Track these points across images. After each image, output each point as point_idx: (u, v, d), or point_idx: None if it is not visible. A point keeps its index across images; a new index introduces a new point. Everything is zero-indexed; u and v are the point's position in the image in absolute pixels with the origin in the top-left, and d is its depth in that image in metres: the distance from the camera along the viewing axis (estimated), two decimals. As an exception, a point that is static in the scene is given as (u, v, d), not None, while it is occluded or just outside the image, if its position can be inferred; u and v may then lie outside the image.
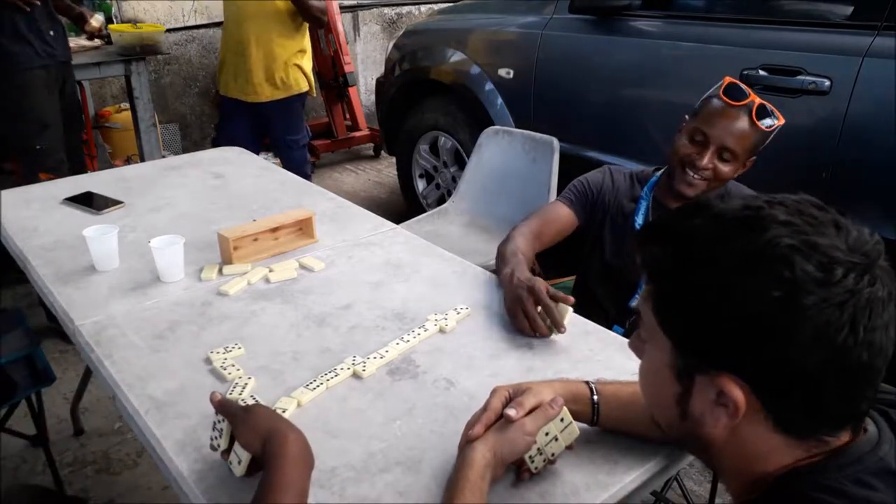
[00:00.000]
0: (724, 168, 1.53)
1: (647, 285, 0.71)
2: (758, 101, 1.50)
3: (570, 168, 2.41)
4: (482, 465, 0.88)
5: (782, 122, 1.53)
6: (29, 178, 2.69)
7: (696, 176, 1.54)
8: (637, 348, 0.78)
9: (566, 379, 1.04)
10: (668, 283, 0.68)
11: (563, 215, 1.70)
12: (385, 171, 4.88)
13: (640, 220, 1.67)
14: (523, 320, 1.28)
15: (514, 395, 0.96)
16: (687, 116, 1.62)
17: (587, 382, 1.02)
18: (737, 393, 0.63)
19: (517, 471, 0.96)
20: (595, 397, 1.00)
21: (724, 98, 1.50)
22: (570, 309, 1.28)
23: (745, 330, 0.61)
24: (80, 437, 2.27)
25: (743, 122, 1.49)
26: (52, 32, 2.72)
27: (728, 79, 1.53)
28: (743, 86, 1.51)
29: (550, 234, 1.67)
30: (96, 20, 3.11)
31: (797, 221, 0.62)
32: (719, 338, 0.63)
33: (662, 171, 1.70)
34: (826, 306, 0.59)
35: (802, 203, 0.65)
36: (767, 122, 1.50)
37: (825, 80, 1.94)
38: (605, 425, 1.02)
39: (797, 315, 0.59)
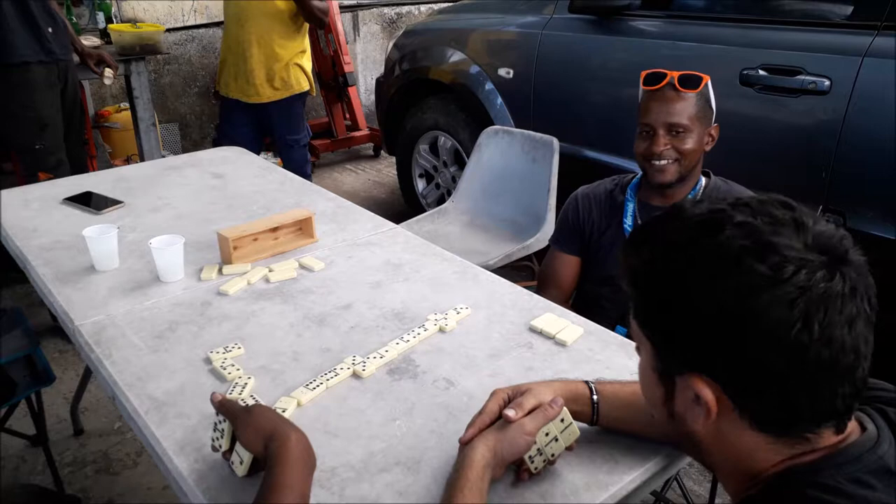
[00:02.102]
0: (683, 144, 1.60)
1: (630, 290, 0.73)
2: (676, 74, 1.59)
3: (570, 168, 2.42)
4: (482, 466, 0.88)
5: (707, 78, 1.61)
6: (28, 177, 2.69)
7: (659, 162, 1.61)
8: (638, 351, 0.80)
9: (566, 379, 1.04)
10: (641, 287, 0.71)
11: (568, 263, 1.82)
12: (385, 171, 4.88)
13: (628, 222, 1.70)
14: None
15: (513, 396, 0.96)
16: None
17: (587, 382, 1.02)
18: (706, 393, 0.65)
19: (517, 471, 0.96)
20: (595, 397, 1.00)
21: (647, 88, 1.62)
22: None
23: (705, 330, 0.64)
24: (80, 436, 2.27)
25: (672, 97, 1.59)
26: (50, 30, 2.71)
27: (644, 72, 1.64)
28: (658, 70, 1.61)
29: (571, 286, 1.83)
30: (108, 77, 3.08)
31: (754, 222, 0.64)
32: (686, 339, 0.66)
33: (640, 174, 1.75)
34: (777, 304, 0.60)
35: (766, 202, 0.67)
36: (692, 85, 1.59)
37: (825, 79, 1.94)
38: (605, 425, 1.02)
39: (750, 314, 0.61)
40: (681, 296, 0.65)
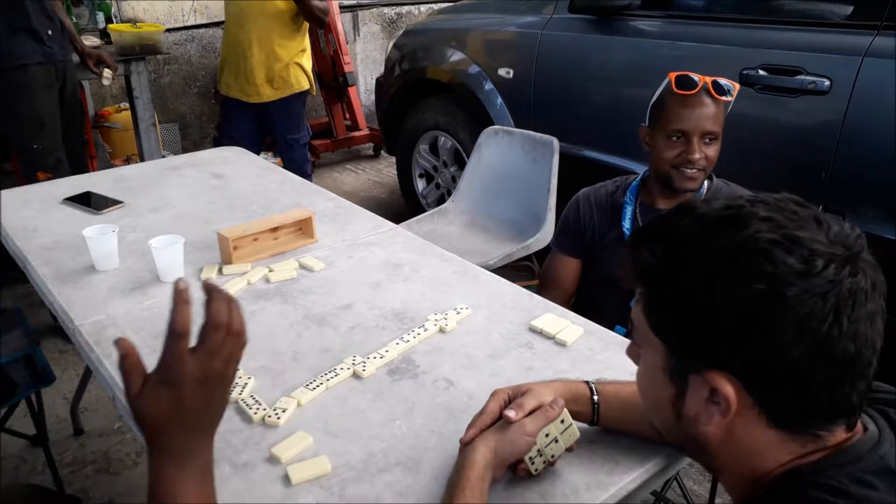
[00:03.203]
0: (711, 151, 1.58)
1: (638, 289, 0.72)
2: (708, 79, 1.55)
3: (570, 168, 2.42)
4: (482, 466, 0.88)
5: (738, 86, 1.58)
6: (27, 177, 2.69)
7: (692, 170, 1.58)
8: (634, 354, 0.79)
9: (566, 379, 1.04)
10: (656, 284, 0.69)
11: (569, 264, 1.81)
12: (385, 171, 4.88)
13: (627, 224, 1.69)
14: None
15: (513, 396, 0.96)
16: (644, 125, 1.67)
17: (587, 382, 1.02)
18: (728, 389, 0.64)
19: (514, 467, 0.96)
20: (595, 397, 1.00)
21: (681, 91, 1.55)
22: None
23: (732, 325, 0.63)
24: (80, 436, 2.27)
25: (708, 104, 1.55)
26: (49, 32, 2.72)
27: (672, 74, 1.57)
28: (687, 74, 1.56)
29: (572, 287, 1.83)
30: (106, 78, 3.09)
31: (778, 217, 0.64)
32: (708, 335, 0.65)
33: (640, 176, 1.74)
34: (808, 297, 0.60)
35: (783, 200, 0.67)
36: (727, 92, 1.56)
37: (825, 79, 1.94)
38: (606, 425, 1.02)
39: (780, 307, 0.60)
40: (704, 290, 0.64)
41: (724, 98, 1.55)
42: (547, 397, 0.95)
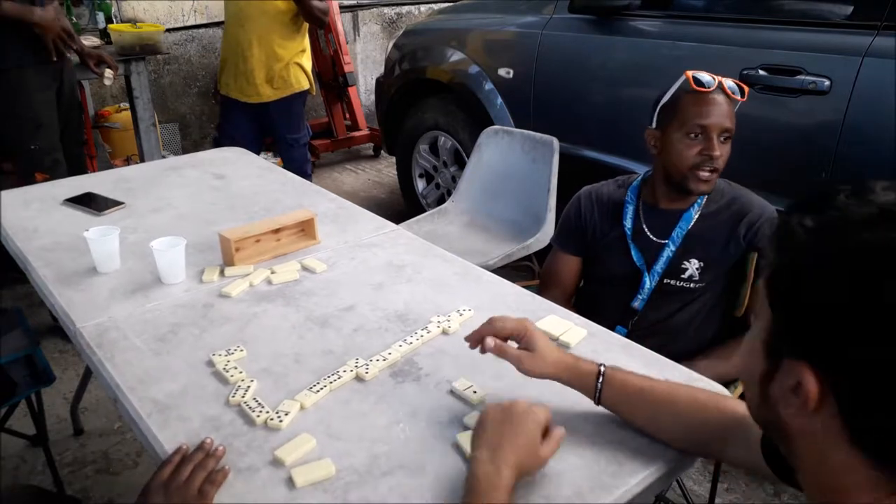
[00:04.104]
0: (726, 150, 1.57)
1: (770, 256, 0.66)
2: (723, 79, 1.55)
3: (570, 168, 2.42)
4: (509, 492, 0.89)
5: (748, 89, 1.59)
6: (25, 178, 2.68)
7: (707, 172, 1.56)
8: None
9: (581, 357, 1.08)
10: (787, 252, 0.63)
11: (569, 262, 1.81)
12: (385, 171, 4.87)
13: (628, 224, 1.68)
14: None
15: (520, 333, 1.08)
16: (650, 127, 1.64)
17: (600, 366, 1.05)
18: (812, 386, 0.59)
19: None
20: (599, 381, 1.04)
21: (700, 88, 1.54)
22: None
23: (840, 323, 0.57)
24: (80, 437, 2.27)
25: (723, 102, 1.55)
26: None
27: (689, 73, 1.55)
28: (702, 72, 1.55)
29: (572, 285, 1.83)
30: (108, 78, 3.08)
31: None
32: (814, 324, 0.59)
33: (642, 175, 1.74)
34: None
35: None
36: (741, 92, 1.56)
37: (825, 79, 1.95)
38: (607, 408, 1.06)
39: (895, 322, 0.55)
40: (829, 278, 0.58)
41: (737, 97, 1.55)
42: (545, 368, 1.05)
